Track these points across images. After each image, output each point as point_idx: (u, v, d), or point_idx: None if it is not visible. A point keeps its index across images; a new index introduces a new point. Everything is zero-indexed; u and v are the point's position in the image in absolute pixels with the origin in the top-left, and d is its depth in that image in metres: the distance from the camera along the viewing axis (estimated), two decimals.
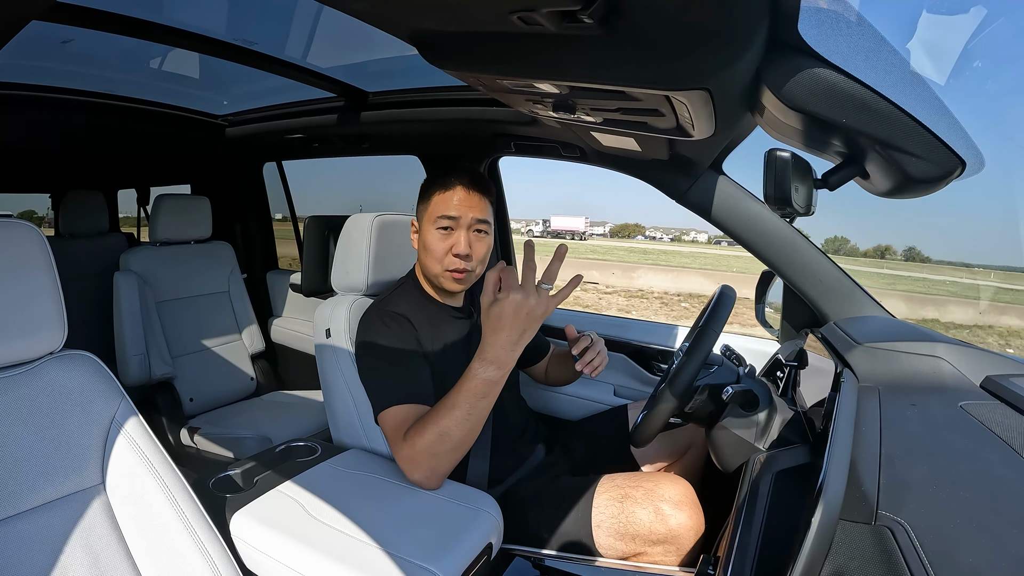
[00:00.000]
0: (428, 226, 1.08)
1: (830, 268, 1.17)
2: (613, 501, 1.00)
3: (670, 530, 0.94)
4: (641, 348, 1.58)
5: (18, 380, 0.66)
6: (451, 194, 1.07)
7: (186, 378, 2.03)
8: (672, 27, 0.60)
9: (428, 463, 0.92)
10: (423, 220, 1.10)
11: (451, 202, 1.06)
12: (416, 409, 0.98)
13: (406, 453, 0.93)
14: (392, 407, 0.98)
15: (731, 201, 1.23)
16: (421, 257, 1.12)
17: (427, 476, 0.93)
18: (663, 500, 0.97)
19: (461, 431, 0.89)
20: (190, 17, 1.24)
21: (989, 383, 0.72)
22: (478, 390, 0.88)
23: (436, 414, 0.91)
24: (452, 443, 0.90)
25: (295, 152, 2.37)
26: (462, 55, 0.79)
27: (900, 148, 0.67)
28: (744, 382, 0.89)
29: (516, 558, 1.03)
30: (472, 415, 0.89)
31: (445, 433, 0.89)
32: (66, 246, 2.35)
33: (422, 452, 0.91)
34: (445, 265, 1.07)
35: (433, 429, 0.90)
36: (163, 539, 0.69)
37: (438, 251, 1.07)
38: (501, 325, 0.85)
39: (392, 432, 0.97)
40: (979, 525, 0.44)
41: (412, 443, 0.92)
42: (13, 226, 0.66)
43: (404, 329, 1.07)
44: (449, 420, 0.89)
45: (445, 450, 0.91)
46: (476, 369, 0.89)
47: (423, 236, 1.10)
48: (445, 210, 1.06)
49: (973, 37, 0.70)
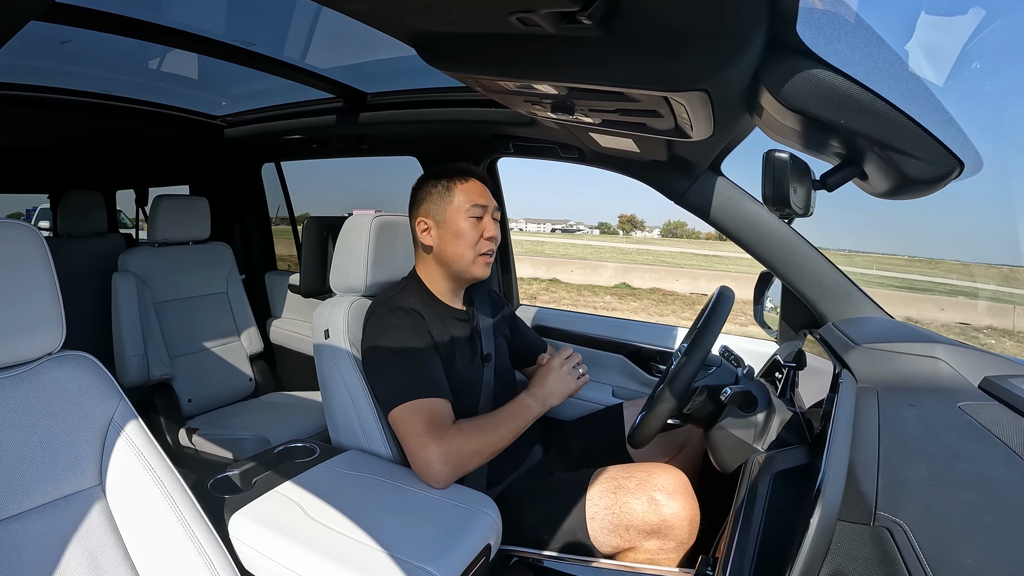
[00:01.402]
0: (458, 216, 1.11)
1: (829, 269, 1.17)
2: (607, 492, 1.01)
3: (664, 519, 0.94)
4: (639, 349, 1.59)
5: (16, 381, 0.66)
6: (473, 184, 1.14)
7: (184, 379, 2.02)
8: (671, 28, 0.60)
9: (460, 466, 0.97)
10: (447, 212, 1.12)
11: (477, 191, 1.13)
12: (439, 403, 1.01)
13: (440, 450, 0.95)
14: (411, 401, 0.99)
15: (729, 202, 1.23)
16: (448, 249, 1.13)
17: (452, 477, 0.97)
18: (656, 489, 0.97)
19: (498, 447, 1.02)
20: (189, 18, 1.24)
21: (988, 384, 0.72)
22: (520, 415, 1.06)
23: (483, 426, 1.02)
24: (486, 455, 1.01)
25: (294, 153, 2.37)
26: (461, 56, 0.79)
27: (898, 149, 0.67)
28: (743, 383, 0.89)
29: (515, 559, 1.03)
30: (509, 435, 1.04)
31: (488, 444, 1.00)
32: (64, 246, 2.35)
33: (464, 455, 0.97)
34: (479, 250, 1.12)
35: (479, 439, 0.99)
36: (161, 540, 0.69)
37: (472, 237, 1.12)
38: (550, 379, 1.13)
39: (415, 427, 0.97)
40: (978, 526, 0.44)
41: (457, 441, 0.97)
42: (11, 227, 0.66)
43: (417, 323, 1.07)
44: (493, 436, 1.01)
45: (479, 458, 1.00)
46: (525, 399, 1.09)
47: (452, 226, 1.12)
48: (477, 199, 1.12)
49: (971, 38, 0.70)
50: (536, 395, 1.10)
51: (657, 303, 11.24)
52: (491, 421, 1.04)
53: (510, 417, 1.05)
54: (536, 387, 1.11)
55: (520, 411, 1.07)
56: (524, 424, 1.06)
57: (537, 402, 1.09)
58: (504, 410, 1.07)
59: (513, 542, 1.04)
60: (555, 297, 11.14)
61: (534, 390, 1.11)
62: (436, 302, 1.16)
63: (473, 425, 1.01)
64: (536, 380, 1.13)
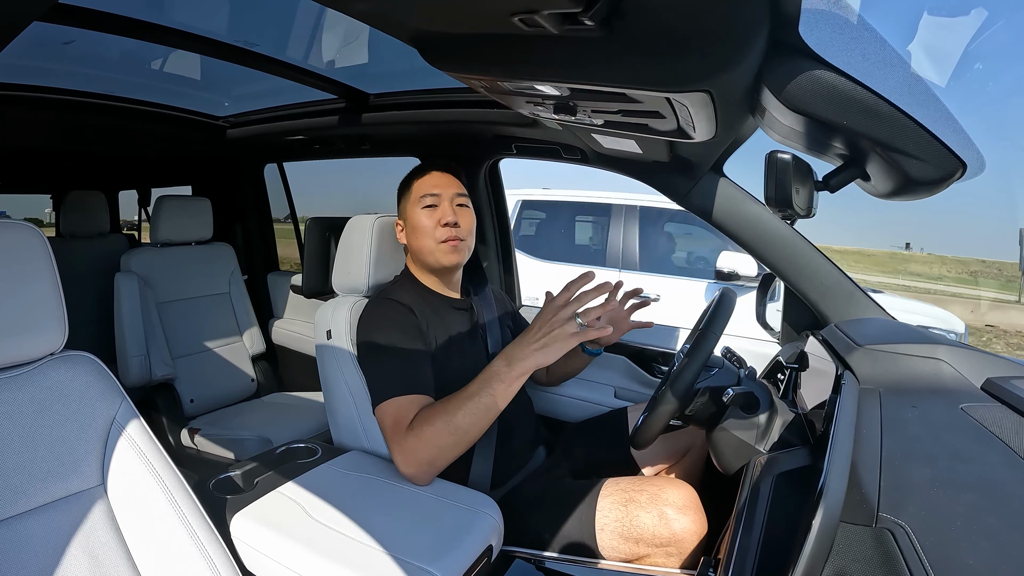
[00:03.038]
0: (414, 209, 1.14)
1: (831, 270, 1.17)
2: (617, 505, 1.00)
3: (674, 534, 0.94)
4: (641, 350, 1.58)
5: (18, 381, 0.66)
6: (429, 176, 1.16)
7: (187, 379, 2.03)
8: (673, 29, 0.60)
9: (428, 454, 0.91)
10: (408, 208, 1.16)
11: (432, 182, 1.15)
12: (417, 400, 0.98)
13: (408, 443, 0.93)
14: (392, 398, 0.98)
15: (732, 203, 1.23)
16: (413, 243, 1.15)
17: (424, 469, 0.93)
18: (667, 504, 0.96)
19: (459, 434, 0.90)
20: (191, 18, 1.25)
21: (990, 385, 0.72)
22: (484, 390, 0.90)
23: (444, 406, 0.92)
24: (455, 437, 0.90)
25: (296, 154, 2.37)
26: (463, 57, 0.79)
27: (901, 150, 0.67)
28: (745, 384, 0.89)
29: (516, 560, 1.02)
30: (469, 418, 0.90)
31: (445, 437, 0.91)
32: (67, 247, 2.36)
33: (426, 442, 0.91)
34: (437, 237, 1.11)
35: (441, 420, 0.91)
36: (163, 540, 0.69)
37: (428, 226, 1.12)
38: (530, 329, 0.90)
39: (392, 423, 0.96)
40: (980, 527, 0.44)
41: (417, 432, 0.92)
42: (14, 227, 0.66)
43: (406, 317, 1.07)
44: (446, 428, 0.90)
45: (448, 444, 0.91)
46: (493, 365, 0.92)
47: (411, 221, 1.15)
48: (429, 188, 1.14)
49: (974, 39, 0.70)
50: (513, 354, 0.89)
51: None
52: (444, 409, 0.91)
53: (470, 397, 0.90)
54: (518, 343, 0.90)
55: (485, 384, 0.90)
56: (491, 400, 0.89)
57: (512, 364, 0.89)
58: (466, 389, 0.91)
59: (517, 544, 1.04)
60: None
61: (512, 348, 0.90)
62: (429, 292, 1.17)
63: (424, 419, 0.92)
64: (523, 334, 0.92)
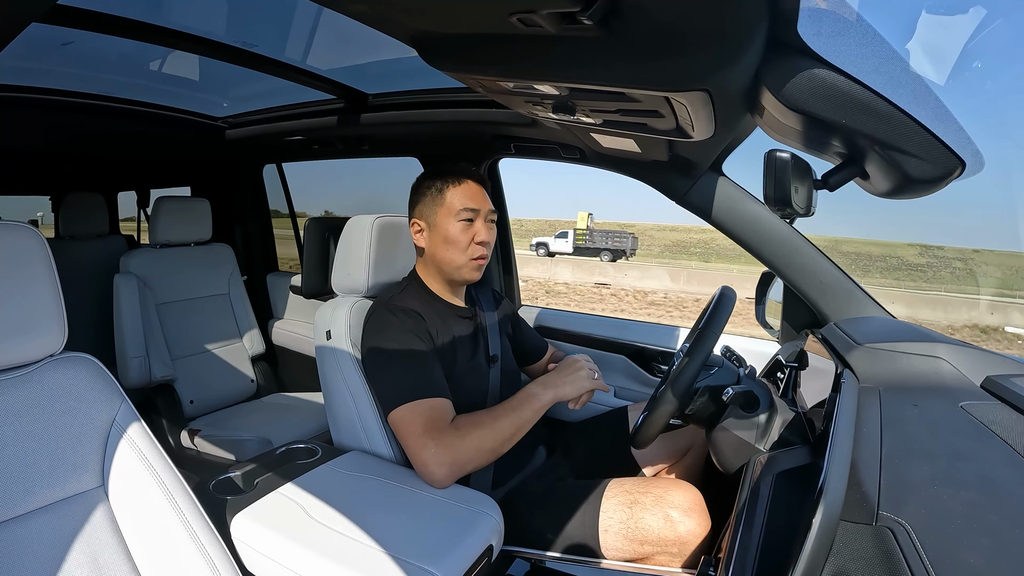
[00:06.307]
0: (448, 219, 1.10)
1: (830, 269, 1.17)
2: (622, 506, 1.00)
3: (679, 536, 0.94)
4: (641, 349, 1.58)
5: (18, 382, 0.66)
6: (467, 187, 1.11)
7: (186, 380, 2.03)
8: (671, 28, 0.60)
9: (467, 455, 0.95)
10: (438, 215, 1.11)
11: (469, 194, 1.11)
12: (448, 403, 1.00)
13: (449, 441, 0.94)
14: (411, 402, 0.98)
15: (731, 202, 1.23)
16: (440, 253, 1.12)
17: (454, 470, 0.95)
18: (673, 507, 0.96)
19: (499, 442, 0.98)
20: (190, 19, 1.25)
21: (990, 383, 0.72)
22: (524, 406, 1.01)
23: (490, 413, 1.00)
24: (487, 452, 0.97)
25: (295, 154, 2.37)
26: (462, 57, 0.79)
27: (900, 148, 0.67)
28: (744, 383, 0.89)
29: (517, 560, 1.02)
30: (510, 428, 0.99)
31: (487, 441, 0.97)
32: (66, 248, 2.35)
33: (469, 443, 0.95)
34: (470, 254, 1.11)
35: (488, 424, 0.97)
36: (164, 541, 0.69)
37: (463, 242, 1.10)
38: (569, 370, 1.09)
39: (425, 421, 0.96)
40: (980, 526, 0.44)
41: (463, 432, 0.96)
42: (13, 228, 0.66)
43: (416, 324, 1.07)
44: (491, 431, 0.97)
45: (488, 448, 0.97)
46: (532, 388, 1.05)
47: (442, 230, 1.11)
48: (468, 202, 1.10)
49: (972, 37, 0.70)
50: (547, 382, 1.06)
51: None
52: (490, 416, 1.00)
53: (512, 409, 1.01)
54: (550, 376, 1.08)
55: (524, 401, 1.02)
56: (530, 415, 1.01)
57: (546, 389, 1.04)
58: (507, 403, 1.03)
59: (518, 544, 1.04)
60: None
61: (546, 378, 1.07)
62: (437, 300, 1.16)
63: (470, 422, 0.98)
64: (553, 371, 1.10)
